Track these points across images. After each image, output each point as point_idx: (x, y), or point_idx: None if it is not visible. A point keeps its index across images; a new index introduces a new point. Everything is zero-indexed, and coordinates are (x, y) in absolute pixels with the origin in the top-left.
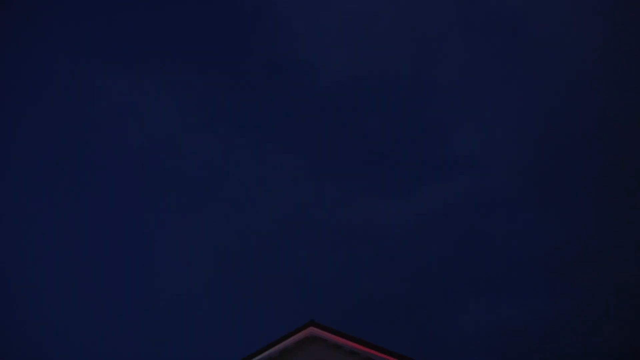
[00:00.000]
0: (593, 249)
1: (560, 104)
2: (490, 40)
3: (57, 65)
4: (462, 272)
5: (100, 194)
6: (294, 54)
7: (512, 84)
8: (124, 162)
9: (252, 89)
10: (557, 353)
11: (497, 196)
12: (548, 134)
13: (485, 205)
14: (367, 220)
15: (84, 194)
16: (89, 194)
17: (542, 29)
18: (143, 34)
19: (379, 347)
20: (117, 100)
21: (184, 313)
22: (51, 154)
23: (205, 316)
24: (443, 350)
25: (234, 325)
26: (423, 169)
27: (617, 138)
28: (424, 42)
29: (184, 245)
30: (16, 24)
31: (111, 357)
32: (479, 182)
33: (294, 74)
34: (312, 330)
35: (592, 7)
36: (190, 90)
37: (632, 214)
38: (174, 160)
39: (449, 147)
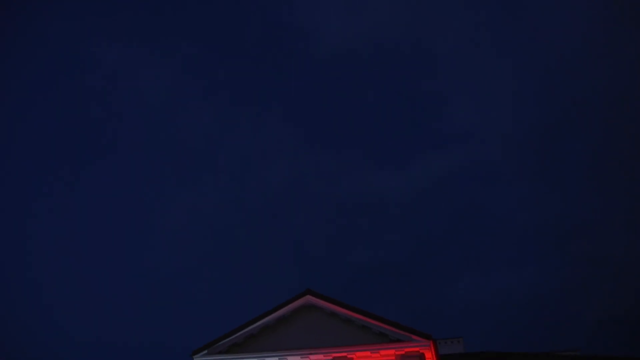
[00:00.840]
0: (586, 221)
1: (557, 77)
2: (489, 12)
3: (53, 34)
4: (457, 242)
5: (97, 165)
6: (291, 23)
7: (509, 57)
8: (120, 133)
9: (248, 59)
10: (549, 321)
11: (493, 168)
12: (545, 107)
13: (481, 176)
14: (364, 191)
15: (82, 167)
16: (87, 166)
17: None
18: (139, 2)
19: (374, 314)
20: (112, 69)
21: (182, 283)
22: (49, 122)
23: (203, 286)
24: (438, 318)
25: (232, 294)
26: (420, 140)
27: (613, 112)
28: (422, 12)
29: (182, 215)
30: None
31: (111, 327)
32: (476, 154)
33: (291, 43)
34: (308, 298)
35: None
36: (186, 60)
37: (626, 187)
38: (170, 130)
39: (447, 119)
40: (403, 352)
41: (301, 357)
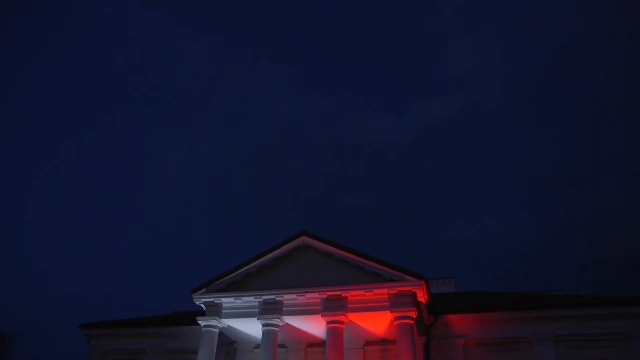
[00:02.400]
0: (580, 168)
1: (561, 21)
2: None
3: None
4: (452, 187)
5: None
6: None
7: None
8: (115, 76)
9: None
10: (537, 264)
11: (490, 113)
12: (546, 53)
13: (478, 122)
14: (360, 136)
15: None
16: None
17: None
18: None
19: (368, 255)
20: (102, 11)
21: (182, 226)
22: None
23: (202, 229)
24: (430, 260)
25: (230, 237)
26: (418, 83)
27: (613, 60)
28: None
29: (178, 160)
30: None
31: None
32: (474, 99)
33: None
34: (304, 239)
35: None
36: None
37: (623, 136)
38: (164, 73)
39: (445, 63)
40: (396, 291)
41: (297, 295)
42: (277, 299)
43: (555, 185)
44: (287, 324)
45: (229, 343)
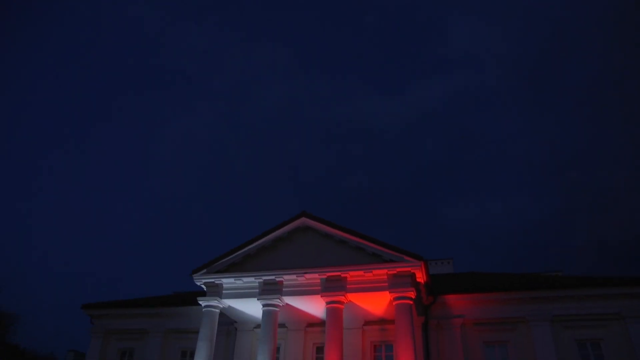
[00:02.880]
0: (580, 151)
1: (560, 3)
2: None
3: None
4: (451, 169)
5: (94, 92)
6: None
7: None
8: (114, 60)
9: None
10: (536, 245)
11: (490, 95)
12: (545, 35)
13: (477, 103)
14: (359, 117)
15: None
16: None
17: None
18: None
19: (368, 236)
20: None
21: (182, 209)
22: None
23: (201, 210)
24: (429, 241)
25: (230, 217)
26: (418, 65)
27: (612, 41)
28: None
29: (178, 141)
30: None
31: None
32: (473, 80)
33: None
34: (303, 220)
35: None
36: None
37: (623, 117)
38: (163, 56)
39: (446, 44)
40: (395, 272)
41: (297, 276)
42: (277, 279)
43: (555, 167)
44: (287, 304)
45: (229, 323)
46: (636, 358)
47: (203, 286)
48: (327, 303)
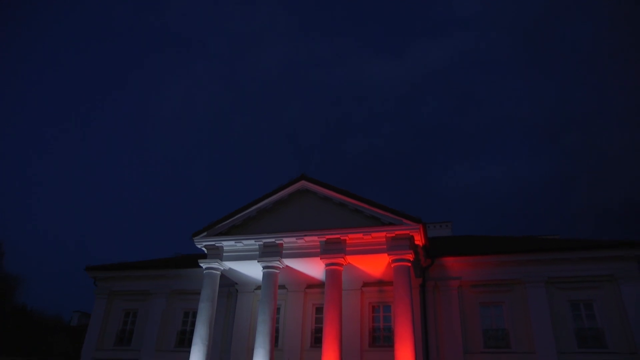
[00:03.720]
0: (580, 114)
1: None
2: None
3: None
4: (451, 132)
5: (92, 56)
6: None
7: None
8: (110, 19)
9: None
10: (534, 209)
11: (491, 58)
12: None
13: (478, 66)
14: (359, 80)
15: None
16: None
17: None
18: None
19: (367, 199)
20: None
21: (182, 172)
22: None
23: (201, 174)
24: (428, 204)
25: (229, 181)
26: (418, 26)
27: (613, 4)
28: None
29: (176, 104)
30: None
31: (117, 216)
32: (474, 42)
33: None
34: (303, 183)
35: None
36: None
37: (623, 82)
38: (160, 16)
39: (446, 5)
40: (394, 235)
41: (296, 238)
42: (277, 242)
43: (554, 130)
44: (287, 266)
45: (230, 284)
46: (625, 317)
47: (204, 249)
48: (327, 265)
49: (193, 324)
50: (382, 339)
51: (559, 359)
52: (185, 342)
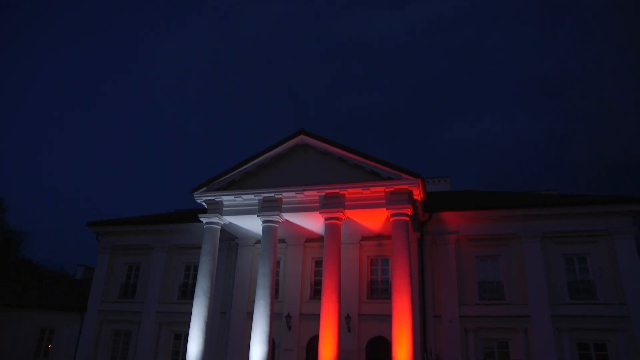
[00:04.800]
0: (580, 70)
1: None
2: None
3: None
4: (451, 87)
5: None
6: None
7: None
8: None
9: None
10: (536, 169)
11: (492, 12)
12: None
13: (479, 20)
14: (359, 33)
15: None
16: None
17: None
18: None
19: (366, 154)
20: None
21: (180, 127)
22: None
23: (200, 129)
24: (428, 161)
25: (228, 136)
26: None
27: None
28: None
29: (173, 59)
30: None
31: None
32: None
33: None
34: (302, 138)
35: None
36: None
37: (623, 37)
38: None
39: None
40: (392, 189)
41: (296, 193)
42: (277, 196)
43: (554, 87)
44: (286, 220)
45: (230, 239)
46: (617, 270)
47: (204, 204)
48: (326, 219)
49: (195, 277)
50: (380, 291)
51: (551, 310)
52: (187, 294)
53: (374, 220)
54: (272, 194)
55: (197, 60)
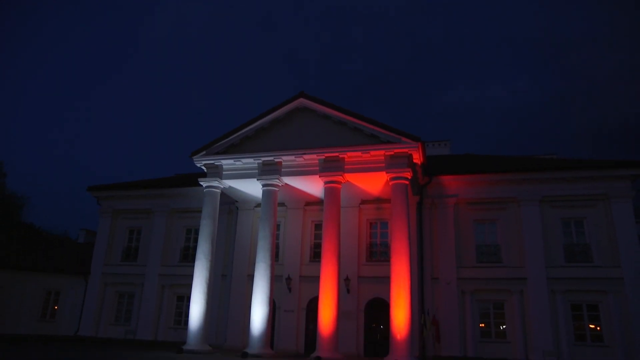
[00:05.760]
0: (581, 34)
1: None
2: None
3: None
4: (454, 51)
5: None
6: None
7: None
8: None
9: None
10: (536, 132)
11: None
12: None
13: None
14: None
15: None
16: None
17: None
18: None
19: (366, 117)
20: None
21: (178, 91)
22: None
23: (198, 93)
24: (428, 125)
25: (227, 101)
26: None
27: None
28: None
29: (170, 23)
30: None
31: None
32: None
33: None
34: (301, 101)
35: None
36: None
37: (628, 0)
38: None
39: None
40: (392, 153)
41: (295, 157)
42: (276, 160)
43: (555, 50)
44: (286, 184)
45: (231, 202)
46: (614, 234)
47: (203, 167)
48: (325, 183)
49: (196, 241)
50: (379, 254)
51: (547, 272)
52: (189, 257)
53: (374, 183)
54: (272, 158)
55: (195, 24)
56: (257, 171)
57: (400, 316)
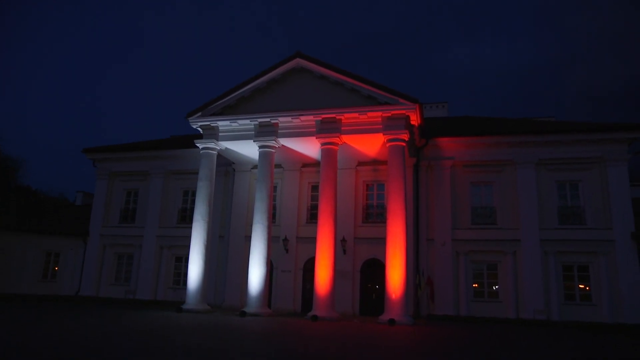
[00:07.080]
0: None
1: None
2: None
3: None
4: (451, 13)
5: None
6: None
7: None
8: None
9: None
10: (535, 95)
11: None
12: None
13: None
14: None
15: None
16: None
17: None
18: None
19: (364, 78)
20: None
21: (175, 52)
22: None
23: (194, 53)
24: (425, 86)
25: (223, 62)
26: None
27: None
28: None
29: None
30: None
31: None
32: None
33: None
34: (298, 61)
35: None
36: None
37: None
38: None
39: None
40: (389, 115)
41: (292, 118)
42: (272, 121)
43: (554, 12)
44: (282, 145)
45: (227, 164)
46: (607, 196)
47: (199, 129)
48: (322, 144)
49: (193, 203)
50: (375, 215)
51: (540, 234)
52: (186, 219)
53: (371, 145)
54: (268, 119)
55: None
56: (253, 132)
57: (395, 276)
